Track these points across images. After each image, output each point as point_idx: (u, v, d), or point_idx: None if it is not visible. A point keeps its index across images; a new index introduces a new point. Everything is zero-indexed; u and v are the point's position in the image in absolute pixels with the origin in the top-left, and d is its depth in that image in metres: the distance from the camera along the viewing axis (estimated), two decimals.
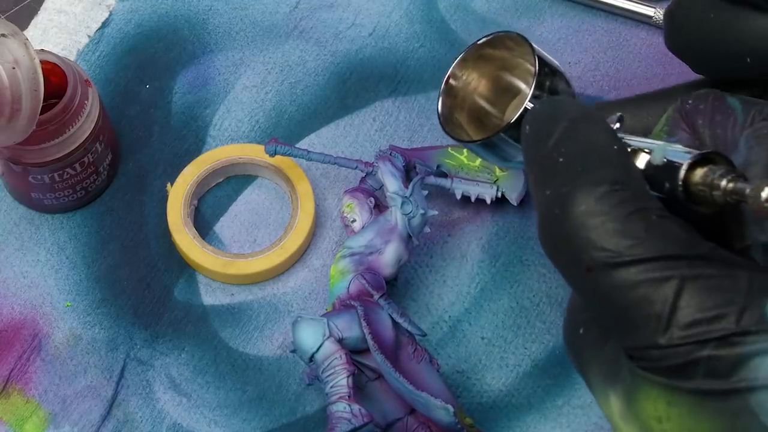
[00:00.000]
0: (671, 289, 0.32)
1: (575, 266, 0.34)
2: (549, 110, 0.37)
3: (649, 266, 0.32)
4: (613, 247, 0.32)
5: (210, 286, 0.59)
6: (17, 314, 0.58)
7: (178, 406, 0.56)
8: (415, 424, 0.52)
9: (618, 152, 0.35)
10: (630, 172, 0.34)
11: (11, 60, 0.51)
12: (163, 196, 0.61)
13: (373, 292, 0.54)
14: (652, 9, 0.66)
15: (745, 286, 0.32)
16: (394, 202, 0.56)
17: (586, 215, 0.33)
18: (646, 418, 0.33)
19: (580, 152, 0.35)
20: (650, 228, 0.33)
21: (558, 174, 0.34)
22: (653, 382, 0.33)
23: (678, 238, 0.33)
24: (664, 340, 0.32)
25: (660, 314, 0.32)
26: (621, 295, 0.32)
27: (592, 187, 0.33)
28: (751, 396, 0.31)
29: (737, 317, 0.31)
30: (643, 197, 0.33)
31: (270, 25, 0.68)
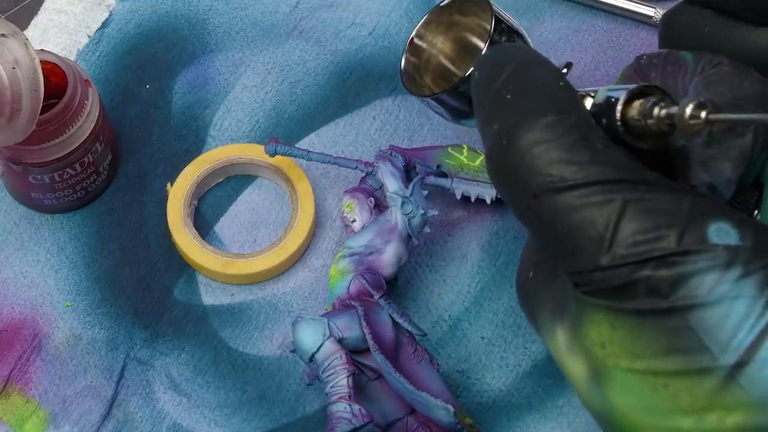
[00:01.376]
0: (613, 211, 0.32)
1: (521, 194, 0.34)
2: (498, 55, 0.38)
3: (592, 189, 0.33)
4: (557, 173, 0.33)
5: (210, 286, 0.59)
6: (17, 314, 0.58)
7: (178, 406, 0.56)
8: (415, 424, 0.52)
9: (563, 88, 0.35)
10: (575, 105, 0.35)
11: (11, 60, 0.51)
12: (163, 196, 0.61)
13: (373, 292, 0.54)
14: (652, 9, 0.66)
15: (687, 208, 0.32)
16: (394, 202, 0.56)
17: (532, 144, 0.34)
18: (590, 344, 0.34)
19: (526, 89, 0.35)
20: (594, 155, 0.33)
21: (505, 109, 0.35)
22: (597, 306, 0.33)
23: (622, 165, 0.33)
24: (606, 261, 0.32)
25: (602, 235, 0.32)
26: (564, 219, 0.33)
27: (537, 117, 0.34)
28: (690, 314, 0.31)
29: (678, 238, 0.32)
30: (587, 127, 0.34)
31: (270, 25, 0.68)
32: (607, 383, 0.33)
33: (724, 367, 0.31)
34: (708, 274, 0.31)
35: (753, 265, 0.31)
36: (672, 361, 0.32)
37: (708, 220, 0.32)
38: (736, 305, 0.31)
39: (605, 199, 0.32)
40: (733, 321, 0.31)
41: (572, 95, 0.35)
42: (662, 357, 0.32)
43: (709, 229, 0.32)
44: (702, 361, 0.31)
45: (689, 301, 0.31)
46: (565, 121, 0.34)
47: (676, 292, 0.31)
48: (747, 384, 0.30)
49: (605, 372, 0.33)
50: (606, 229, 0.32)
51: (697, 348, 0.31)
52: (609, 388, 0.33)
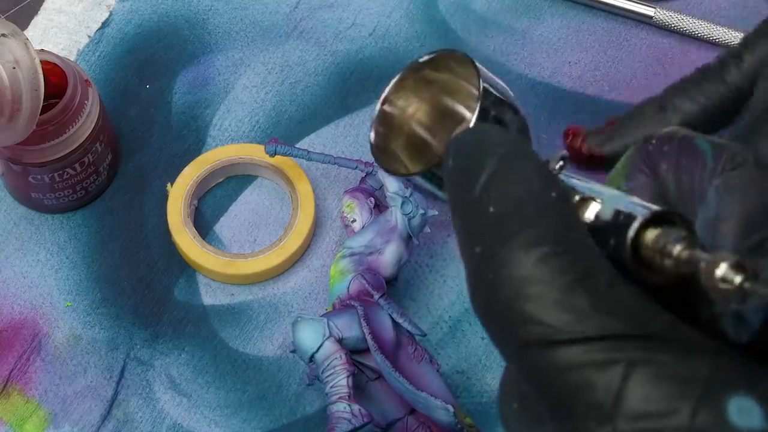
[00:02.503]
0: (617, 375, 0.27)
1: (510, 340, 0.29)
2: (474, 142, 0.32)
3: (593, 347, 0.28)
4: (553, 322, 0.28)
5: (210, 286, 0.59)
6: (17, 314, 0.58)
7: (178, 406, 0.56)
8: (415, 424, 0.52)
9: (557, 201, 0.30)
10: (573, 229, 0.30)
11: (12, 60, 0.51)
12: (163, 196, 0.61)
13: (373, 292, 0.54)
14: (652, 9, 0.66)
15: (705, 375, 0.27)
16: (394, 202, 0.56)
17: (523, 282, 0.28)
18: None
19: (512, 201, 0.30)
20: (596, 300, 0.28)
21: (488, 227, 0.30)
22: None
23: (629, 312, 0.28)
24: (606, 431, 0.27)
25: (602, 403, 0.27)
26: (559, 378, 0.28)
27: (529, 248, 0.29)
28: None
29: (692, 413, 0.27)
30: (589, 260, 0.29)
31: (270, 25, 0.68)
32: None
33: None
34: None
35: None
36: None
37: (728, 393, 0.27)
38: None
39: (607, 358, 0.27)
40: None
41: (568, 212, 0.30)
42: None
43: (729, 406, 0.27)
44: None
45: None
46: (560, 254, 0.29)
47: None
48: None
49: None
50: (607, 396, 0.27)
51: None
52: None
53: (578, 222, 0.30)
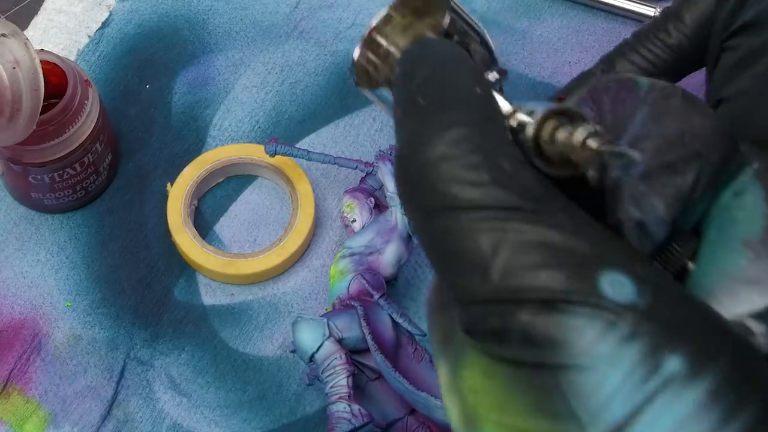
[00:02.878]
0: (503, 241, 0.29)
1: (418, 209, 0.31)
2: (418, 51, 0.35)
3: (485, 214, 0.30)
4: (453, 192, 0.30)
5: (210, 286, 0.59)
6: (17, 314, 0.58)
7: (178, 406, 0.56)
8: (415, 424, 0.52)
9: (480, 96, 0.32)
10: (489, 118, 0.32)
11: (12, 60, 0.51)
12: (163, 196, 0.61)
13: (373, 292, 0.54)
14: (652, 9, 0.66)
15: (585, 250, 0.29)
16: (394, 202, 0.56)
17: (436, 159, 0.31)
18: (464, 388, 0.31)
19: (439, 94, 0.32)
20: (497, 176, 0.30)
21: (417, 115, 0.32)
22: (474, 348, 0.30)
23: (526, 190, 0.30)
24: (484, 294, 0.29)
25: (483, 263, 0.29)
26: (451, 240, 0.30)
27: (444, 130, 0.31)
28: (562, 374, 0.28)
29: (566, 283, 0.28)
30: (498, 145, 0.31)
31: (270, 25, 0.68)
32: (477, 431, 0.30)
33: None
34: (588, 330, 0.28)
35: (641, 328, 0.27)
36: (539, 423, 0.28)
37: (604, 268, 0.28)
38: (613, 373, 0.27)
39: (496, 225, 0.29)
40: (608, 390, 0.27)
41: (488, 105, 0.32)
42: (530, 416, 0.28)
43: (602, 278, 0.28)
44: (569, 429, 0.28)
45: (563, 359, 0.28)
46: (473, 136, 0.31)
47: (551, 346, 0.28)
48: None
49: (475, 420, 0.30)
50: (490, 258, 0.29)
51: (566, 413, 0.28)
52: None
53: (499, 117, 0.32)
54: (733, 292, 0.31)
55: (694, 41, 0.48)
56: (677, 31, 0.49)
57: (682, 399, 0.27)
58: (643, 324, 0.28)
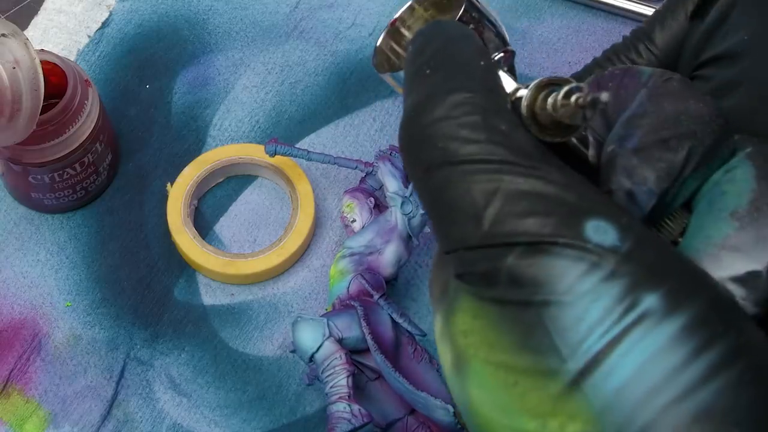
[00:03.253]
0: (494, 191, 0.31)
1: (418, 166, 0.33)
2: (430, 30, 0.37)
3: (479, 167, 0.32)
4: (451, 147, 0.32)
5: (210, 286, 0.59)
6: (17, 314, 0.58)
7: (178, 406, 0.56)
8: (415, 424, 0.52)
9: (484, 68, 0.34)
10: (490, 88, 0.34)
11: (12, 60, 0.51)
12: (163, 196, 0.61)
13: (373, 292, 0.54)
14: (652, 9, 0.66)
15: (573, 201, 0.31)
16: (394, 202, 0.56)
17: (437, 119, 0.33)
18: (455, 332, 0.32)
19: (444, 65, 0.35)
20: (492, 135, 0.32)
21: (422, 84, 0.34)
22: (466, 292, 0.32)
23: (519, 149, 0.32)
24: (475, 240, 0.31)
25: (475, 211, 0.31)
26: (447, 192, 0.32)
27: (447, 95, 0.33)
28: (546, 310, 0.30)
29: (552, 228, 0.30)
30: (496, 110, 0.33)
31: (270, 25, 0.68)
32: (467, 374, 0.32)
33: (570, 371, 0.29)
34: (571, 269, 0.30)
35: (621, 268, 0.29)
36: (523, 358, 0.30)
37: (589, 216, 0.30)
38: (593, 308, 0.29)
39: (489, 177, 0.31)
40: (587, 324, 0.29)
41: (490, 77, 0.34)
42: (515, 352, 0.30)
43: (587, 224, 0.30)
44: (551, 362, 0.29)
45: (546, 296, 0.30)
46: (473, 100, 0.33)
47: (535, 284, 0.30)
48: (590, 393, 0.29)
49: (465, 361, 0.32)
50: (482, 207, 0.31)
51: (548, 348, 0.30)
52: (467, 379, 0.32)
53: (499, 89, 0.34)
54: (717, 258, 0.33)
55: (663, 62, 0.49)
56: (648, 52, 0.50)
57: (656, 333, 0.29)
58: (623, 265, 0.29)
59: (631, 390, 0.28)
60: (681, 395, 0.28)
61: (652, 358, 0.28)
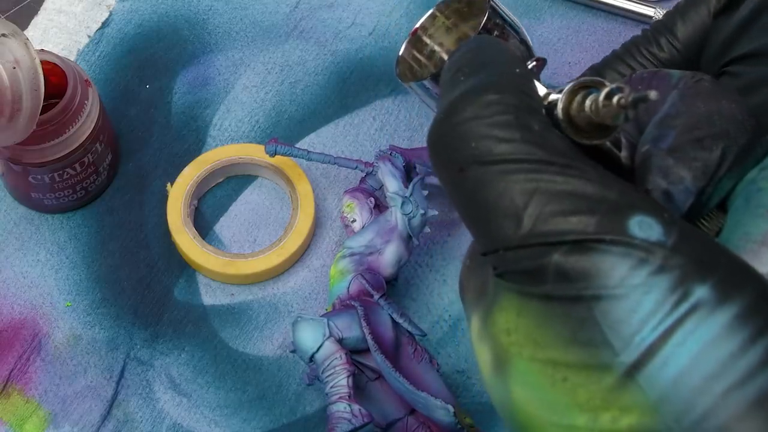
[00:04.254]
0: (534, 190, 0.31)
1: (450, 167, 0.33)
2: (467, 44, 0.37)
3: (516, 167, 0.32)
4: (484, 147, 0.32)
5: (210, 286, 0.59)
6: (17, 314, 0.58)
7: (178, 406, 0.56)
8: (415, 424, 0.52)
9: (517, 74, 0.35)
10: (521, 90, 0.34)
11: (12, 60, 0.51)
12: (163, 196, 0.61)
13: (373, 292, 0.54)
14: (652, 9, 0.66)
15: (614, 198, 0.31)
16: (394, 202, 0.56)
17: (467, 119, 0.33)
18: (496, 331, 0.32)
19: (480, 71, 0.35)
20: (526, 134, 0.32)
21: (456, 88, 0.35)
22: (508, 290, 0.32)
23: (554, 148, 0.32)
24: (518, 240, 0.31)
25: (518, 213, 0.31)
26: (484, 194, 0.32)
27: (479, 95, 0.33)
28: (597, 305, 0.30)
29: (596, 224, 0.30)
30: (529, 111, 0.33)
31: (270, 25, 0.68)
32: (509, 373, 0.32)
33: (623, 363, 0.29)
34: (621, 264, 0.30)
35: (670, 262, 0.30)
36: (573, 353, 0.30)
37: (632, 212, 0.31)
38: (644, 301, 0.29)
39: (528, 177, 0.31)
40: (639, 317, 0.29)
41: (523, 82, 0.34)
42: (564, 348, 0.30)
43: (630, 221, 0.30)
44: (603, 356, 0.30)
45: (597, 291, 0.30)
46: (506, 100, 0.33)
47: (585, 280, 0.30)
48: (645, 384, 0.29)
49: (508, 360, 0.32)
50: (523, 208, 0.31)
51: (600, 341, 0.30)
52: (510, 378, 0.32)
53: (534, 94, 0.34)
54: (756, 254, 0.33)
55: (685, 56, 0.49)
56: (670, 46, 0.50)
57: (709, 322, 0.29)
58: (672, 258, 0.30)
59: (688, 378, 0.29)
60: (740, 381, 0.28)
61: (707, 346, 0.29)
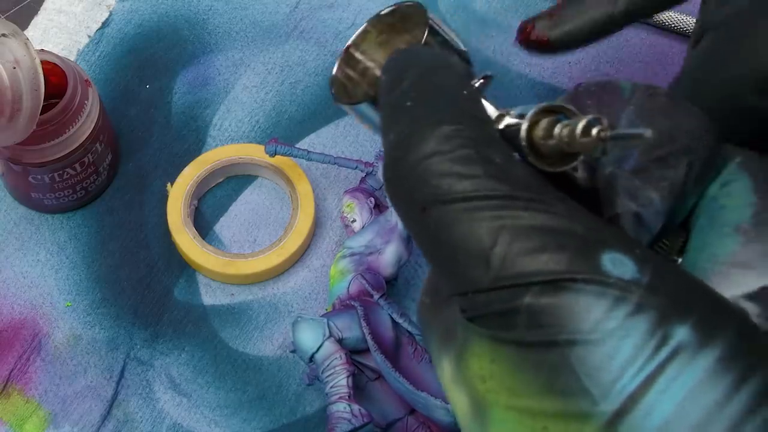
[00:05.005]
0: (501, 228, 0.30)
1: (411, 207, 0.32)
2: (404, 59, 0.36)
3: (480, 204, 0.30)
4: (446, 185, 0.30)
5: (210, 286, 0.59)
6: (17, 314, 0.58)
7: (178, 406, 0.56)
8: (415, 424, 0.52)
9: (467, 98, 0.33)
10: (476, 116, 0.32)
11: (12, 60, 0.51)
12: (163, 196, 0.61)
13: (373, 292, 0.54)
14: None
15: (582, 233, 0.29)
16: None
17: (424, 156, 0.31)
18: (471, 377, 0.31)
19: (427, 96, 0.33)
20: (489, 169, 0.31)
21: (404, 117, 0.33)
22: (480, 335, 0.30)
23: (518, 181, 0.31)
24: (487, 281, 0.29)
25: (485, 253, 0.29)
26: (449, 234, 0.30)
27: (434, 128, 0.31)
28: (572, 351, 0.28)
29: (568, 263, 0.29)
30: (487, 141, 0.32)
31: (270, 25, 0.68)
32: (487, 420, 0.30)
33: (605, 413, 0.28)
34: (596, 306, 0.28)
35: (647, 301, 0.28)
36: (550, 402, 0.28)
37: (603, 248, 0.29)
38: (623, 346, 0.28)
39: (493, 215, 0.30)
40: (618, 363, 0.28)
41: (475, 106, 0.33)
42: (540, 396, 0.29)
43: (603, 258, 0.29)
44: (581, 405, 0.28)
45: (572, 335, 0.28)
46: (463, 132, 0.31)
47: (559, 324, 0.28)
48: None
49: (485, 408, 0.30)
50: (490, 247, 0.29)
51: (577, 390, 0.28)
52: (489, 426, 0.30)
53: (484, 114, 0.33)
54: (726, 276, 0.32)
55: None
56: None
57: (693, 367, 0.27)
58: (648, 297, 0.28)
59: (674, 429, 0.27)
60: (728, 430, 0.27)
61: (692, 394, 0.27)
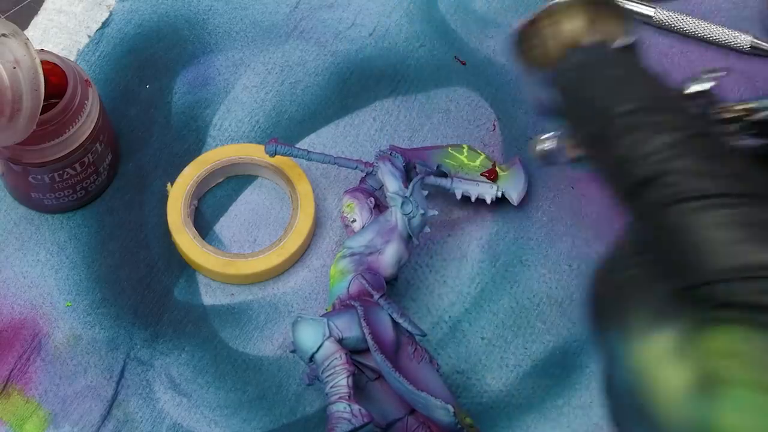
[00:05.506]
0: (740, 221, 0.33)
1: (655, 204, 0.35)
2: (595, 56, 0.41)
3: (717, 202, 0.33)
4: (695, 186, 0.34)
5: (210, 286, 0.59)
6: (17, 314, 0.58)
7: (178, 406, 0.56)
8: (415, 424, 0.52)
9: (678, 99, 0.38)
10: (699, 117, 0.37)
11: (12, 60, 0.51)
12: (163, 196, 0.61)
13: (373, 292, 0.54)
14: (652, 9, 0.66)
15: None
16: (394, 202, 0.56)
17: (666, 158, 0.35)
18: (707, 354, 0.33)
19: (639, 99, 0.37)
20: (719, 169, 0.34)
21: (637, 129, 0.36)
22: (727, 318, 0.33)
23: (745, 176, 0.34)
24: (733, 271, 0.32)
25: (730, 245, 0.33)
26: (693, 232, 0.34)
27: (660, 132, 0.35)
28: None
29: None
30: (713, 138, 0.35)
31: (270, 25, 0.68)
32: (718, 397, 0.33)
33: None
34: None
35: None
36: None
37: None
38: None
39: (733, 212, 0.33)
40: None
41: (698, 118, 0.38)
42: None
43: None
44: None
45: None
46: (699, 136, 0.35)
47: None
48: None
49: (718, 385, 0.33)
50: (738, 243, 0.32)
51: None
52: (718, 402, 0.33)
53: (708, 124, 0.37)
54: None
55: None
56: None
57: None
58: None
59: None
60: None
61: None
